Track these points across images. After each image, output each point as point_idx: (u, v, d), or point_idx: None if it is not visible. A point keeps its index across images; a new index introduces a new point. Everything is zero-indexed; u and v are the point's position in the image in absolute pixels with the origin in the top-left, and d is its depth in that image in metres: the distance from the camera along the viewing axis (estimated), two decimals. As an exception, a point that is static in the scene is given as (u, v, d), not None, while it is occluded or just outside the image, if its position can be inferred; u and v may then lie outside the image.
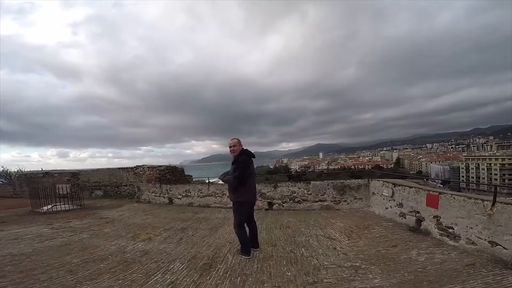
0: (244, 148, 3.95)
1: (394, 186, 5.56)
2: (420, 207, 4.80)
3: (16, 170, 18.03)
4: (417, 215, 4.89)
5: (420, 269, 3.30)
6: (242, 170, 3.71)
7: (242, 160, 3.77)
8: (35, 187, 10.45)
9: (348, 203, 6.74)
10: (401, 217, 5.36)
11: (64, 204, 9.14)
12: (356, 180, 6.75)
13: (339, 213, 6.41)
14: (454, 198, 4.08)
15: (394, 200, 5.58)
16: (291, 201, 7.13)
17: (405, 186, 5.25)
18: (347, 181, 6.78)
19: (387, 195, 5.74)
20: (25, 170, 17.84)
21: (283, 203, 7.19)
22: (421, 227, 4.77)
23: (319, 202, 6.91)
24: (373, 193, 6.42)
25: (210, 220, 6.37)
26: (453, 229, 4.09)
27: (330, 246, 4.23)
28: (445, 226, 4.23)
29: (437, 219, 4.41)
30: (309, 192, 6.99)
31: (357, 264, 3.50)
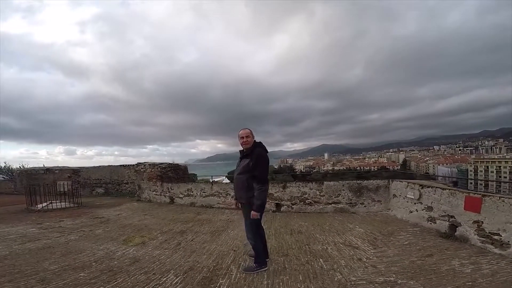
0: (257, 141, 3.25)
1: (422, 188, 4.90)
2: (456, 211, 4.14)
3: (18, 167, 17.76)
4: (451, 219, 4.24)
5: (470, 283, 2.68)
6: (264, 168, 3.04)
7: (260, 154, 3.03)
8: (32, 184, 10.05)
9: (365, 206, 6.07)
10: (429, 222, 4.70)
11: (61, 202, 8.68)
12: (375, 181, 6.08)
13: (356, 216, 5.75)
14: (503, 202, 3.41)
15: (421, 203, 4.92)
16: (302, 202, 6.47)
17: (436, 187, 4.58)
18: (365, 182, 6.11)
19: (412, 197, 5.07)
20: (27, 166, 17.55)
21: (293, 204, 6.55)
22: (455, 233, 4.14)
23: (332, 205, 6.24)
24: (394, 195, 5.76)
25: (213, 223, 5.76)
26: (500, 235, 3.45)
27: (353, 256, 3.57)
28: (489, 233, 3.60)
29: (478, 225, 3.77)
30: (322, 194, 6.33)
31: (391, 279, 2.85)
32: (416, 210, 5.05)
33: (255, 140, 3.20)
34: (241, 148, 3.26)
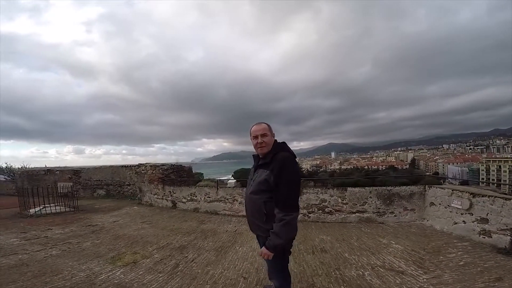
0: (280, 141, 2.06)
1: (473, 197, 4.03)
2: (526, 225, 3.29)
3: (20, 167, 17.38)
4: (515, 234, 3.41)
5: None
6: (293, 184, 1.83)
7: (287, 162, 1.85)
8: (33, 185, 9.53)
9: (395, 215, 5.20)
10: (482, 236, 3.89)
11: (55, 206, 8.03)
12: (408, 187, 5.20)
13: (386, 228, 4.89)
14: None
15: (471, 214, 4.06)
16: (320, 211, 5.62)
17: (495, 197, 3.72)
18: (396, 188, 5.23)
19: (459, 207, 4.21)
20: (29, 166, 17.16)
21: (309, 213, 5.70)
22: (519, 249, 3.32)
23: (357, 214, 5.38)
24: (432, 204, 4.89)
25: (218, 235, 4.95)
26: None
27: (402, 285, 2.74)
28: None
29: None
30: (344, 201, 5.47)
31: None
32: (464, 221, 4.20)
33: (276, 140, 2.05)
34: (255, 152, 2.08)
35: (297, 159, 2.11)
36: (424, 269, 3.13)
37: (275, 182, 1.82)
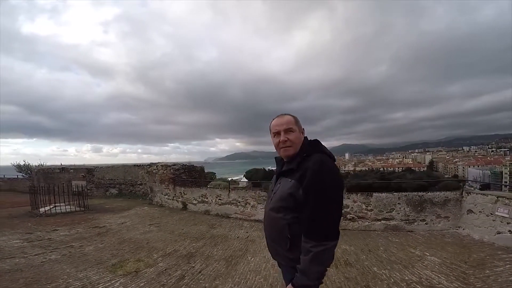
0: (311, 138, 1.43)
1: (525, 204, 3.47)
2: None
3: (37, 164, 17.68)
4: None
5: None
6: (333, 203, 1.19)
7: (323, 171, 1.21)
8: (49, 183, 9.54)
9: (427, 223, 4.64)
10: (534, 250, 3.30)
11: (66, 205, 7.91)
12: (442, 192, 4.63)
13: (417, 237, 4.35)
14: None
15: (522, 225, 3.51)
16: (341, 217, 5.11)
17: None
18: (428, 193, 4.67)
19: (506, 215, 3.66)
20: (45, 164, 17.44)
21: (329, 219, 5.21)
22: None
23: (382, 221, 4.85)
24: (470, 211, 4.31)
25: (229, 241, 4.54)
26: None
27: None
28: None
29: None
30: (369, 208, 4.95)
31: None
32: (509, 231, 3.68)
33: (306, 137, 1.42)
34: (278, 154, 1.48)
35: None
36: (470, 285, 2.64)
37: (305, 196, 1.21)
